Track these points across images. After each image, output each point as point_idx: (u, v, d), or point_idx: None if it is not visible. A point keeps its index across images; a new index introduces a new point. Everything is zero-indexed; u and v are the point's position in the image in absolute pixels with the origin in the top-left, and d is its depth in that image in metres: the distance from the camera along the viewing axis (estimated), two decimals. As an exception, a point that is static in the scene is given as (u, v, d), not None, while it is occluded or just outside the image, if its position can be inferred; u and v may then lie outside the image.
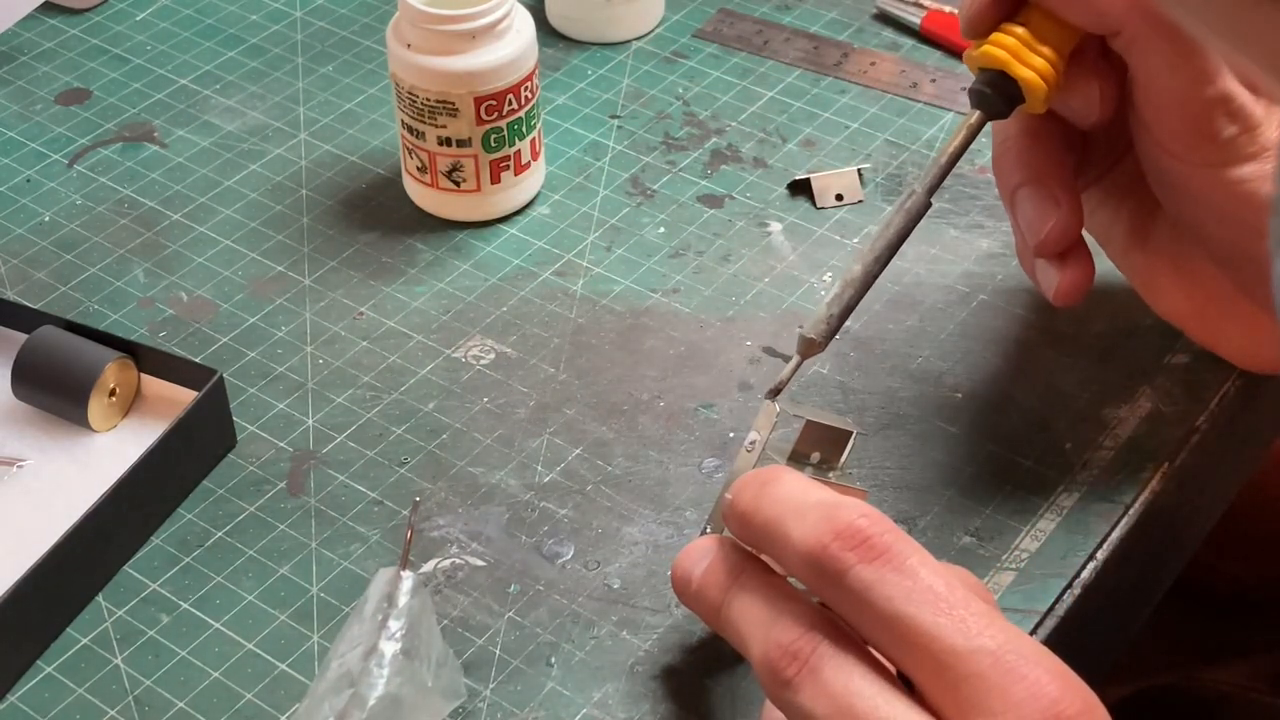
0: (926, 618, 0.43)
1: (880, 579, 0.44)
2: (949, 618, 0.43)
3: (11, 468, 0.64)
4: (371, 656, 0.53)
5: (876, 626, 0.44)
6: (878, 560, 0.44)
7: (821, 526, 0.45)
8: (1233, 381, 0.66)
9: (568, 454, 0.65)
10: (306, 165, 0.79)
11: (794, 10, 0.87)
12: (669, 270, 0.72)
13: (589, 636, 0.58)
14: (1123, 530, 0.61)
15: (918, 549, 0.45)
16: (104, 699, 0.57)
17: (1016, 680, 0.42)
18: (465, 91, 0.71)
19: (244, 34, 0.88)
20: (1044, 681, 0.42)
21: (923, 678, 0.43)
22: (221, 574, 0.61)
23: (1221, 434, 0.66)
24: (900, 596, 0.43)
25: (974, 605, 0.43)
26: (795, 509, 0.47)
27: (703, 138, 0.80)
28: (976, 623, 0.43)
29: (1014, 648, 0.42)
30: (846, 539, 0.45)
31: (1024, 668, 0.42)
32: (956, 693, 0.42)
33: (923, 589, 0.43)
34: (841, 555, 0.44)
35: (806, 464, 0.55)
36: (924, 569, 0.44)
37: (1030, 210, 0.58)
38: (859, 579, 0.44)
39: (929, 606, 0.43)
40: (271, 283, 0.73)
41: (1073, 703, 0.42)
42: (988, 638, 0.42)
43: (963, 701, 0.42)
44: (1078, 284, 0.58)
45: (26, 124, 0.82)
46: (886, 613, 0.43)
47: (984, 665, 0.42)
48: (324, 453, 0.65)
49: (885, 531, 0.45)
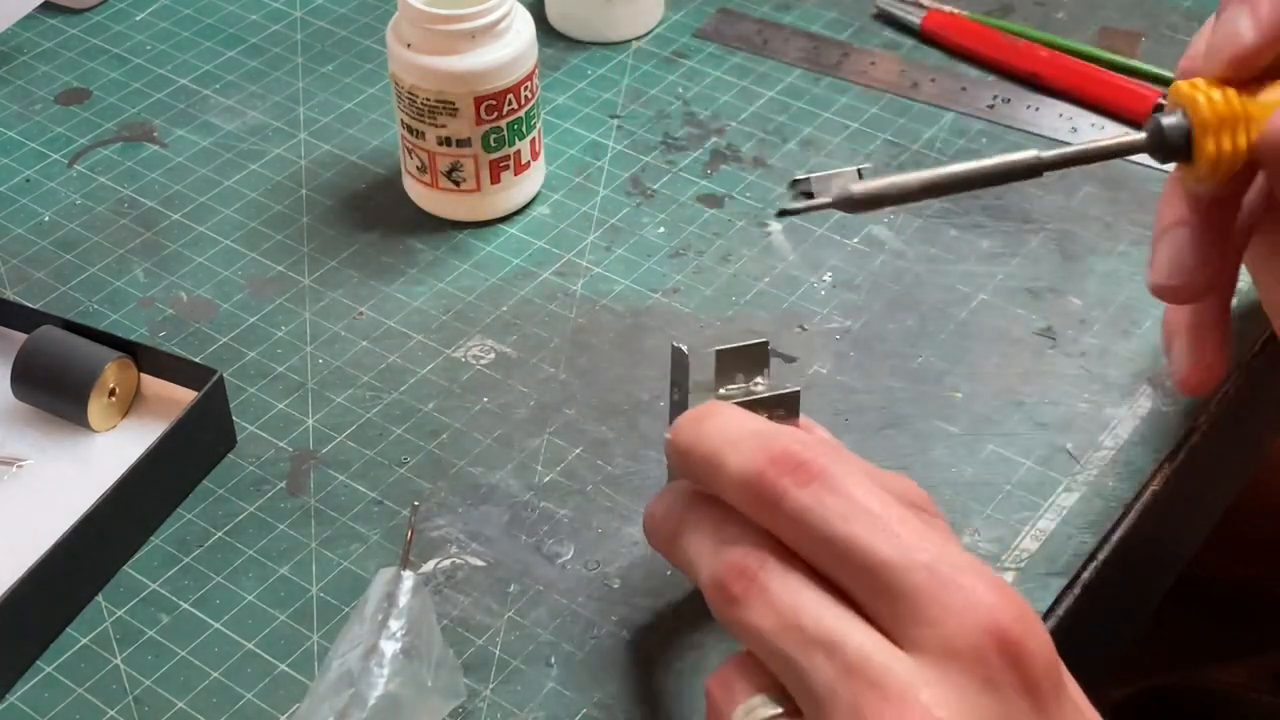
0: (862, 536, 0.43)
1: (816, 502, 0.44)
2: (884, 534, 0.43)
3: (11, 468, 0.64)
4: (371, 656, 0.53)
5: (815, 548, 0.44)
6: (813, 483, 0.45)
7: (756, 455, 0.46)
8: (1233, 381, 0.66)
9: (568, 454, 0.65)
10: (306, 165, 0.79)
11: (794, 10, 0.87)
12: (669, 270, 0.72)
13: (589, 636, 0.58)
14: (1123, 530, 0.61)
15: (852, 469, 0.45)
16: (104, 699, 0.57)
17: (952, 590, 0.42)
18: (465, 91, 0.71)
19: (244, 34, 0.88)
20: (979, 590, 0.42)
21: (863, 594, 0.44)
22: (221, 574, 0.61)
23: (1221, 434, 0.66)
24: (836, 517, 0.44)
25: (909, 521, 0.44)
26: (731, 440, 0.47)
27: (703, 138, 0.80)
28: (911, 537, 0.43)
29: (949, 559, 0.43)
30: (781, 465, 0.45)
31: (959, 578, 0.43)
32: (895, 606, 0.43)
33: (858, 509, 0.44)
34: (777, 481, 0.45)
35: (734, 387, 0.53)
36: (859, 489, 0.45)
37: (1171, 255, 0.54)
38: (795, 503, 0.45)
39: (864, 525, 0.44)
40: (271, 283, 0.73)
41: (1008, 609, 0.42)
42: (922, 551, 0.43)
43: (902, 614, 0.43)
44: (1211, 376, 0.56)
45: (26, 124, 0.82)
46: (824, 534, 0.44)
47: (920, 578, 0.43)
48: (324, 453, 0.65)
49: (819, 455, 0.45)
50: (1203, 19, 0.84)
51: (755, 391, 0.53)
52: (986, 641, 0.42)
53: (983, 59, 0.83)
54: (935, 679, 0.42)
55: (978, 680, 0.42)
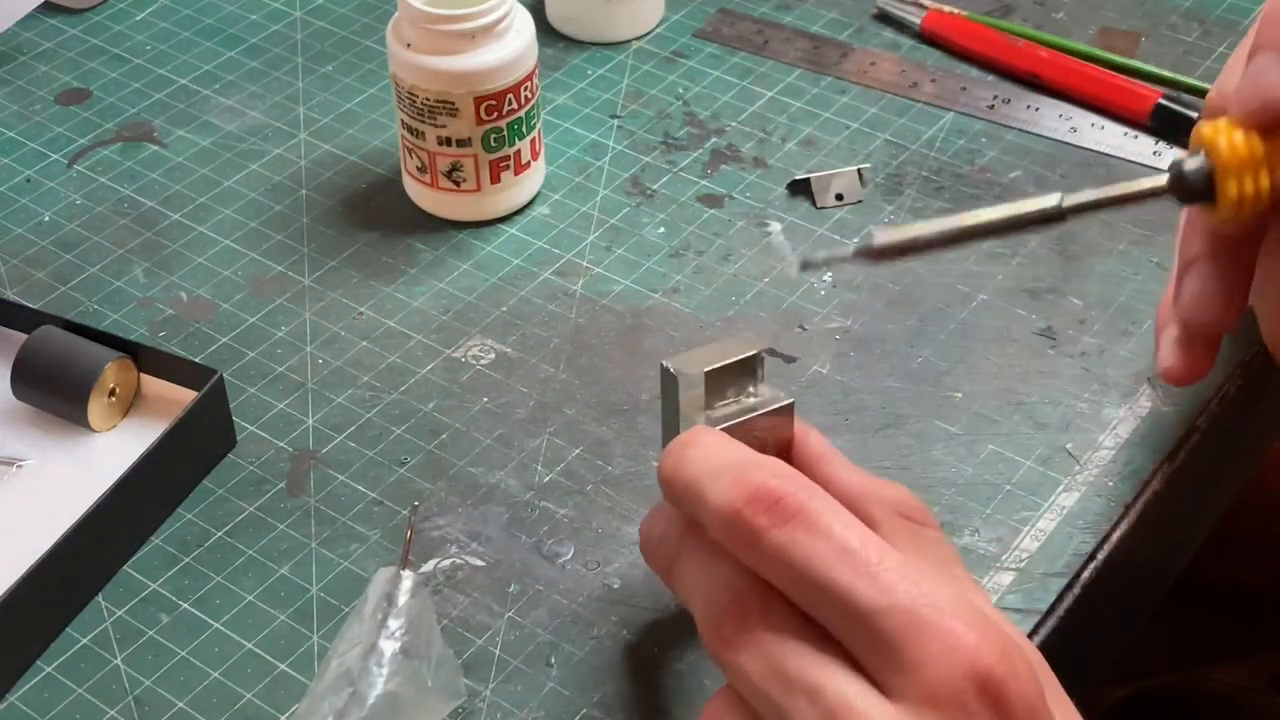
0: (841, 579, 0.43)
1: (793, 542, 0.44)
2: (863, 576, 0.43)
3: (11, 468, 0.64)
4: (371, 656, 0.53)
5: (796, 588, 0.44)
6: (790, 523, 0.44)
7: (734, 490, 0.45)
8: (1233, 381, 0.66)
9: (568, 454, 0.65)
10: (306, 165, 0.79)
11: (794, 10, 0.87)
12: (669, 270, 0.72)
13: (589, 636, 0.58)
14: (1123, 530, 0.61)
15: (830, 504, 0.45)
16: (104, 699, 0.57)
17: (932, 635, 0.42)
18: (465, 91, 0.71)
19: (244, 34, 0.88)
20: (960, 632, 0.42)
21: (844, 635, 0.44)
22: (221, 574, 0.61)
23: (1221, 434, 0.66)
24: (815, 558, 0.44)
25: (889, 560, 0.44)
26: (710, 472, 0.47)
27: (703, 138, 0.80)
28: (890, 577, 0.43)
29: (929, 601, 0.43)
30: (758, 502, 0.45)
31: (939, 620, 0.42)
32: (875, 650, 0.43)
33: (836, 549, 0.44)
34: (754, 520, 0.45)
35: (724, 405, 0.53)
36: (838, 525, 0.44)
37: (1200, 292, 0.55)
38: (773, 543, 0.44)
39: (843, 567, 0.43)
40: (271, 283, 0.73)
41: (990, 650, 0.42)
42: (902, 593, 0.43)
43: (882, 658, 0.43)
44: (1195, 373, 0.57)
45: (26, 124, 0.82)
46: (803, 575, 0.44)
47: (899, 622, 0.42)
48: (324, 453, 0.65)
49: (798, 490, 0.45)
50: (1203, 19, 0.85)
51: (748, 406, 0.52)
52: (966, 686, 0.42)
53: (983, 59, 0.83)
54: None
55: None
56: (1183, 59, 0.82)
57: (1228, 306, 0.55)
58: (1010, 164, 0.77)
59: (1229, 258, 0.55)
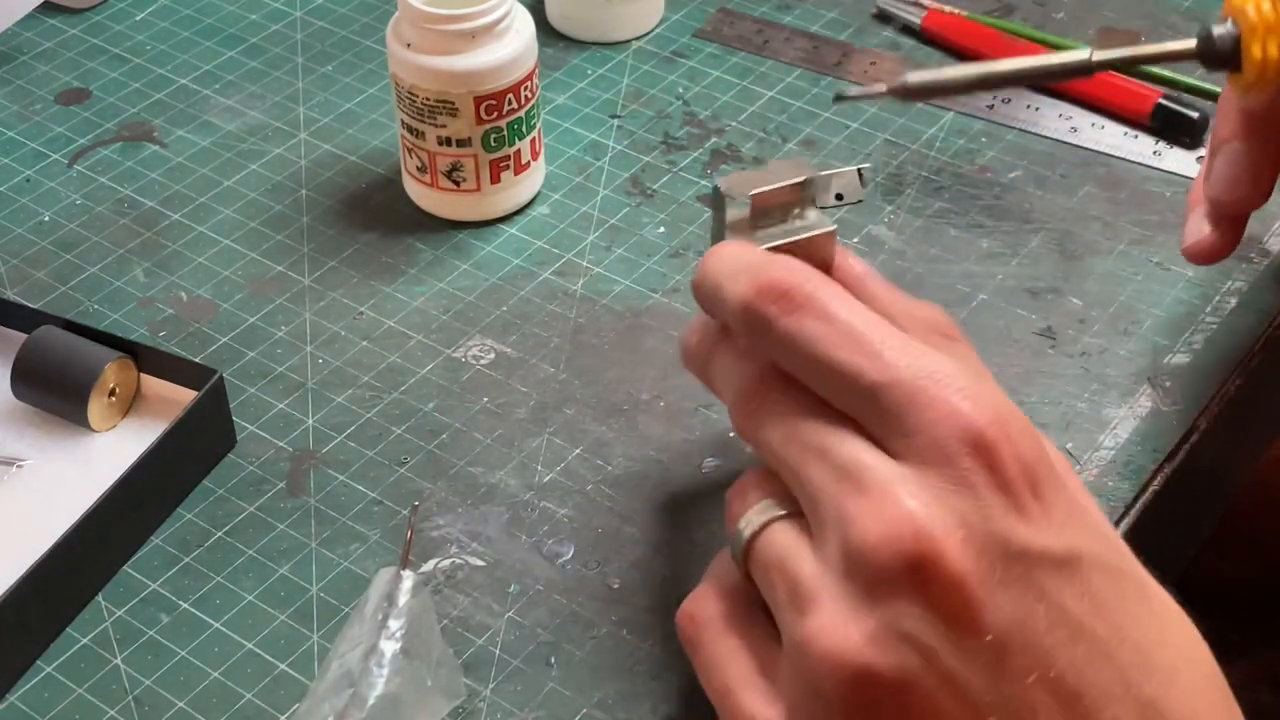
0: (845, 358, 0.46)
1: (800, 328, 0.47)
2: (865, 355, 0.46)
3: (11, 468, 0.64)
4: (371, 656, 0.53)
5: (806, 371, 0.47)
6: (798, 310, 0.47)
7: (747, 286, 0.49)
8: (1233, 381, 0.66)
9: (568, 454, 0.65)
10: (306, 165, 0.79)
11: (794, 10, 0.87)
12: (669, 270, 0.72)
13: (589, 636, 0.58)
14: (1123, 530, 0.61)
15: (837, 292, 0.48)
16: (104, 699, 0.57)
17: (928, 404, 0.45)
18: (465, 91, 0.71)
19: (244, 34, 0.88)
20: (954, 401, 0.45)
21: (853, 410, 0.47)
22: (221, 574, 0.61)
23: (1221, 434, 0.66)
24: (820, 341, 0.47)
25: (891, 339, 0.46)
26: (729, 273, 0.50)
27: (703, 137, 0.80)
28: (892, 355, 0.46)
29: (928, 374, 0.45)
30: (768, 294, 0.48)
31: (935, 390, 0.45)
32: (880, 420, 0.46)
33: (840, 331, 0.47)
34: (764, 309, 0.48)
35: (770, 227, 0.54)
36: (842, 310, 0.47)
37: (1228, 170, 0.60)
38: (783, 330, 0.47)
39: (847, 347, 0.46)
40: (271, 283, 0.73)
41: (982, 415, 0.45)
42: (903, 368, 0.45)
43: (886, 427, 0.45)
44: (1218, 250, 0.61)
45: (26, 124, 0.82)
46: (811, 358, 0.47)
47: (900, 394, 0.45)
48: (324, 453, 0.65)
49: (805, 281, 0.48)
50: (1202, 19, 0.85)
51: (792, 230, 0.54)
52: (959, 447, 0.44)
53: (983, 59, 0.83)
54: (912, 478, 0.44)
55: (952, 481, 0.44)
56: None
57: (1256, 184, 0.59)
58: (1010, 164, 0.77)
59: (1259, 137, 0.58)
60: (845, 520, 0.44)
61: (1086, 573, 0.44)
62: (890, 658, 0.43)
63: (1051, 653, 0.43)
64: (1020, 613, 0.43)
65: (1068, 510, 0.45)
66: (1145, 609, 0.46)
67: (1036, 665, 0.43)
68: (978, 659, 0.43)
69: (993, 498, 0.44)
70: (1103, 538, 0.46)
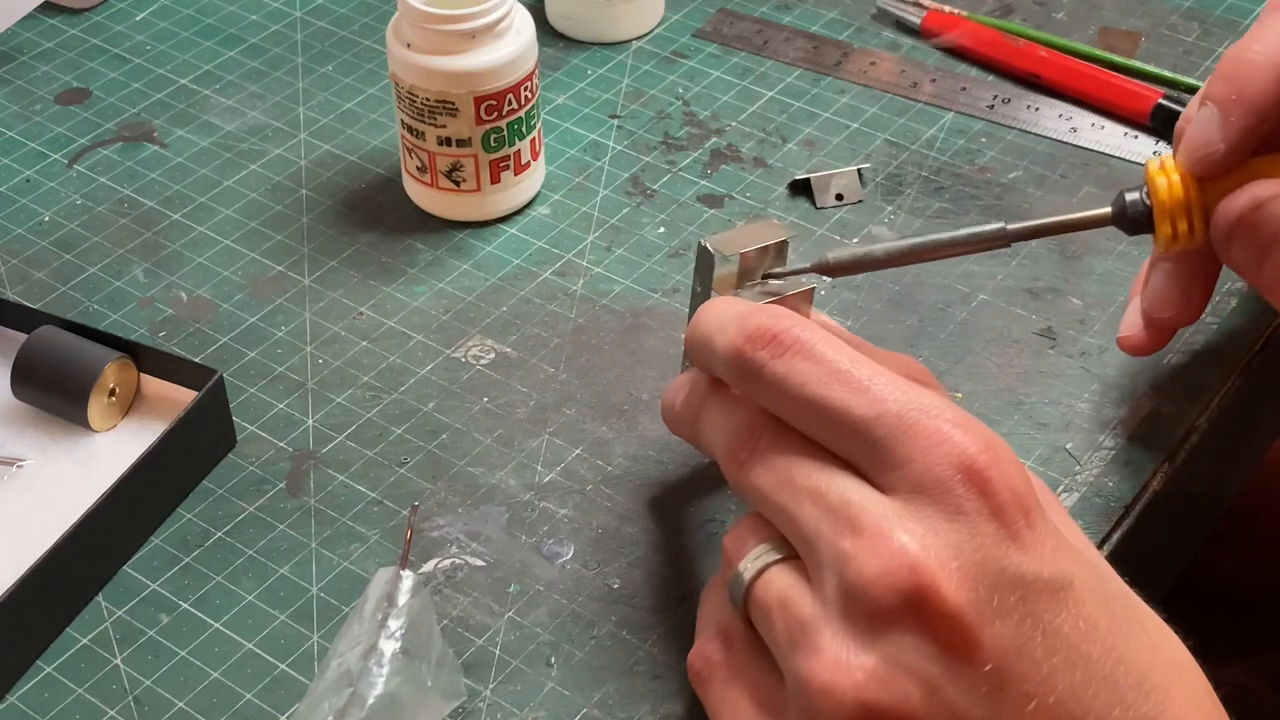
0: (835, 394, 0.47)
1: (790, 369, 0.48)
2: (855, 391, 0.47)
3: (11, 468, 0.64)
4: (371, 656, 0.53)
5: (797, 412, 0.48)
6: (787, 353, 0.49)
7: (737, 334, 0.50)
8: (1233, 381, 0.66)
9: (568, 454, 0.65)
10: (306, 165, 0.79)
11: (794, 10, 0.87)
12: (669, 270, 0.72)
13: (589, 636, 0.58)
14: (1123, 530, 0.61)
15: (822, 335, 0.49)
16: (104, 699, 0.57)
17: (919, 434, 0.46)
18: (465, 91, 0.71)
19: (244, 34, 0.88)
20: (945, 430, 0.46)
21: (844, 448, 0.47)
22: (221, 574, 0.61)
23: (1221, 434, 0.66)
24: (810, 381, 0.48)
25: (878, 376, 0.47)
26: (719, 325, 0.51)
27: (703, 137, 0.80)
28: (880, 390, 0.47)
29: (917, 405, 0.46)
30: (758, 339, 0.49)
31: (926, 421, 0.46)
32: (871, 455, 0.46)
33: (829, 370, 0.48)
34: (755, 354, 0.49)
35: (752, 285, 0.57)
36: (829, 351, 0.48)
37: (1159, 289, 0.62)
38: (773, 373, 0.49)
39: (837, 384, 0.47)
40: (271, 283, 0.73)
41: (974, 443, 0.45)
42: (891, 401, 0.47)
43: (877, 461, 0.46)
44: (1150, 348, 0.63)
45: (26, 124, 0.82)
46: (802, 398, 0.48)
47: (889, 426, 0.46)
48: (324, 453, 0.65)
49: (793, 325, 0.49)
50: (1203, 19, 0.85)
51: (772, 289, 0.56)
52: (951, 475, 0.45)
53: (983, 59, 0.83)
54: (906, 514, 0.45)
55: (945, 509, 0.45)
56: (1183, 59, 0.82)
57: (1187, 303, 0.61)
58: (1010, 164, 0.77)
59: (1191, 262, 0.60)
60: (841, 559, 0.45)
61: (1079, 597, 0.45)
62: (892, 691, 0.44)
63: (1050, 679, 0.44)
64: (1018, 640, 0.44)
65: (1057, 536, 0.46)
66: (1136, 629, 0.46)
67: (1036, 692, 0.44)
68: (978, 689, 0.44)
69: (986, 525, 0.45)
70: (1090, 562, 0.47)
